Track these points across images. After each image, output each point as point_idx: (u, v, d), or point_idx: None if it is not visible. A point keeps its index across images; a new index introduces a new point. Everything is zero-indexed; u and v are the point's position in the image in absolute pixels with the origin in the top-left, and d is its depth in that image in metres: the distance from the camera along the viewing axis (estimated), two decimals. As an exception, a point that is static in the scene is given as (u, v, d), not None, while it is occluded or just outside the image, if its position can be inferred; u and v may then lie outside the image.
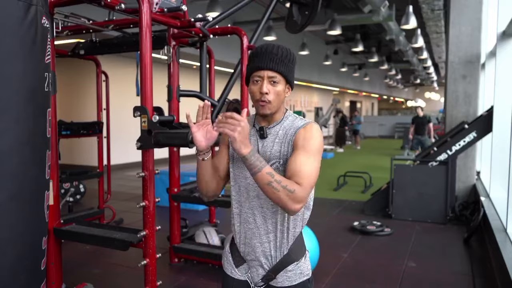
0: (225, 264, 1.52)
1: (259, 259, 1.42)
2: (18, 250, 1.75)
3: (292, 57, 1.38)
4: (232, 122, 1.22)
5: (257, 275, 1.44)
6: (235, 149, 1.25)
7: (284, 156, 1.37)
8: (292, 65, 1.39)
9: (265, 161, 1.28)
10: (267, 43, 1.40)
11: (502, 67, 4.59)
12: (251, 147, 1.25)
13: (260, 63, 1.35)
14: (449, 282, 3.39)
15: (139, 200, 2.53)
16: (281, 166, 1.37)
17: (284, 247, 1.42)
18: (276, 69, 1.34)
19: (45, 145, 1.91)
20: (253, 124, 1.46)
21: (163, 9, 2.84)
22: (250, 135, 1.42)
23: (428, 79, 26.31)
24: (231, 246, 1.52)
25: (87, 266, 3.77)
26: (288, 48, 1.39)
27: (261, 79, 1.35)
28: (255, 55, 1.38)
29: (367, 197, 6.22)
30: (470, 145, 5.24)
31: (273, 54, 1.35)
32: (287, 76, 1.37)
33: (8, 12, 1.66)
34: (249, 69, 1.39)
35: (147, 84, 2.44)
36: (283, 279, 1.42)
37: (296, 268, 1.43)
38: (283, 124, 1.42)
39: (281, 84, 1.37)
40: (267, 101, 1.35)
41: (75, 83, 9.44)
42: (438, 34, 11.32)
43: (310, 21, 3.50)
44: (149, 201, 2.50)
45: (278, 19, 10.17)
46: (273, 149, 1.39)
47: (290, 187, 1.24)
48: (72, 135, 4.58)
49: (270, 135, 1.41)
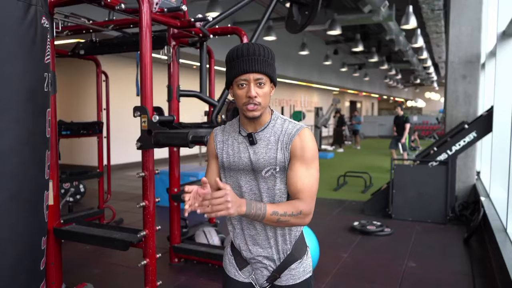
0: (228, 267, 1.51)
1: (263, 262, 1.43)
2: (18, 250, 1.75)
3: (272, 55, 1.35)
4: (216, 201, 1.14)
5: (262, 276, 1.45)
6: (233, 216, 1.23)
7: (281, 163, 1.34)
8: (274, 63, 1.36)
9: (261, 203, 1.25)
10: (243, 43, 1.34)
11: (502, 67, 4.58)
12: (245, 203, 1.21)
13: (245, 66, 1.29)
14: (449, 282, 3.39)
15: (139, 200, 2.53)
16: (277, 172, 1.34)
17: (287, 248, 1.43)
18: (262, 70, 1.30)
19: (44, 145, 1.91)
20: (238, 131, 1.41)
21: (163, 9, 2.85)
22: (238, 143, 1.40)
23: (428, 79, 26.32)
24: (233, 249, 1.50)
25: (87, 266, 3.77)
26: (266, 46, 1.35)
27: (247, 82, 1.30)
28: (234, 58, 1.31)
29: (367, 197, 6.22)
30: (470, 145, 5.24)
31: (256, 55, 1.29)
32: (272, 76, 1.34)
33: (8, 12, 1.66)
34: (232, 73, 1.32)
35: (147, 84, 2.44)
36: (287, 278, 1.43)
37: (299, 266, 1.44)
38: (273, 128, 1.37)
39: (267, 84, 1.33)
40: (257, 104, 1.31)
41: (75, 83, 9.45)
42: (438, 34, 11.32)
43: (310, 21, 3.50)
44: (149, 201, 2.50)
45: (278, 19, 10.16)
46: (267, 156, 1.35)
47: (296, 211, 1.28)
48: (72, 135, 4.58)
49: (260, 140, 1.36)
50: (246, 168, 1.37)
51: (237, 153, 1.39)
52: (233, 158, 1.39)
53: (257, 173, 1.36)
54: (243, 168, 1.38)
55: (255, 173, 1.36)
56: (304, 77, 16.06)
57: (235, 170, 1.39)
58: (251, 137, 1.36)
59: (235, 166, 1.39)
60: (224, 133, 1.45)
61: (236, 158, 1.39)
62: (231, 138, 1.42)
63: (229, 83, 1.36)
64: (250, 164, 1.36)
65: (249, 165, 1.36)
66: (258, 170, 1.35)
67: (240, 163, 1.38)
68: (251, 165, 1.36)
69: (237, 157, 1.39)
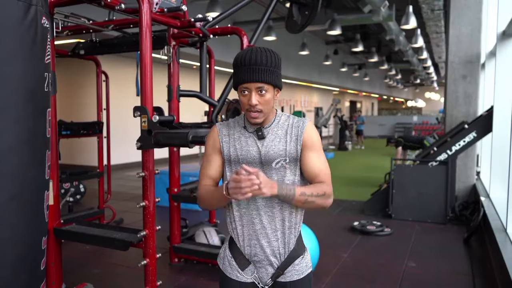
0: (228, 269, 1.50)
1: (269, 258, 1.44)
2: (19, 250, 1.75)
3: (277, 61, 1.36)
4: (247, 183, 1.21)
5: (266, 274, 1.46)
6: (265, 196, 1.27)
7: (291, 155, 1.40)
8: (278, 69, 1.37)
9: (290, 185, 1.35)
10: (249, 49, 1.36)
11: (502, 67, 4.58)
12: (276, 185, 1.29)
13: (246, 75, 1.33)
14: (449, 282, 3.39)
15: (139, 200, 2.53)
16: (287, 163, 1.41)
17: (292, 243, 1.45)
18: (262, 80, 1.33)
19: (45, 145, 1.91)
20: (244, 126, 1.45)
21: (163, 9, 2.85)
22: (245, 137, 1.43)
23: (428, 79, 26.31)
24: (232, 250, 1.50)
25: (87, 266, 3.77)
26: (271, 51, 1.37)
27: (249, 90, 1.35)
28: (238, 65, 1.35)
29: (367, 197, 6.22)
30: (470, 145, 5.24)
31: (258, 64, 1.32)
32: (275, 83, 1.36)
33: (8, 12, 1.66)
34: (235, 80, 1.37)
35: (147, 84, 2.44)
36: (291, 274, 1.46)
37: (302, 261, 1.48)
38: (279, 123, 1.44)
39: (269, 91, 1.36)
40: (258, 111, 1.35)
41: (75, 83, 9.45)
42: (438, 34, 11.32)
43: (310, 21, 3.50)
44: (149, 201, 2.50)
45: (278, 19, 10.16)
46: (277, 148, 1.40)
47: (321, 192, 1.37)
48: (72, 135, 4.58)
49: (269, 134, 1.42)
50: (254, 161, 1.41)
51: (245, 147, 1.42)
52: (240, 152, 1.42)
53: (267, 165, 1.41)
54: (252, 161, 1.41)
55: (265, 166, 1.41)
56: (304, 77, 16.05)
57: (242, 163, 1.40)
58: (260, 131, 1.41)
59: (243, 159, 1.42)
60: (230, 128, 1.47)
61: (244, 152, 1.42)
62: (237, 132, 1.45)
63: (236, 88, 1.41)
64: (259, 157, 1.41)
65: (258, 158, 1.41)
66: (269, 162, 1.40)
67: (249, 156, 1.41)
68: (260, 158, 1.40)
69: (245, 150, 1.42)
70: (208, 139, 1.49)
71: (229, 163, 1.45)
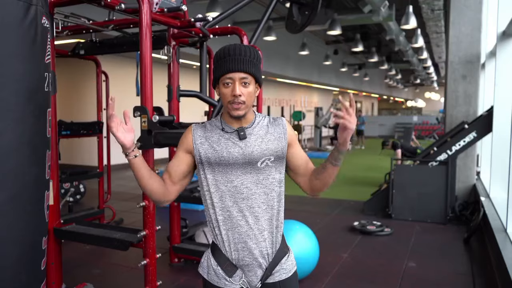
0: (214, 278, 1.45)
1: (257, 260, 1.42)
2: (19, 250, 1.75)
3: (258, 56, 1.39)
4: (351, 117, 1.31)
5: (256, 277, 1.44)
6: (344, 144, 1.36)
7: (277, 153, 1.43)
8: (260, 64, 1.40)
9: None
10: (230, 44, 1.38)
11: (502, 67, 4.58)
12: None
13: (231, 65, 1.34)
14: (449, 282, 3.40)
15: (139, 200, 2.53)
16: (271, 162, 1.42)
17: (278, 242, 1.46)
18: (247, 70, 1.35)
19: (45, 145, 1.91)
20: (222, 128, 1.43)
21: (163, 9, 2.84)
22: (225, 139, 1.41)
23: (428, 79, 26.32)
24: (216, 257, 1.45)
25: (87, 266, 3.77)
26: (253, 47, 1.40)
27: (232, 81, 1.35)
28: (221, 57, 1.37)
29: (367, 197, 6.23)
30: (470, 145, 5.24)
31: (242, 55, 1.34)
32: (257, 76, 1.38)
33: (8, 12, 1.66)
34: (218, 72, 1.37)
35: (147, 84, 2.44)
36: (279, 273, 1.46)
37: (288, 260, 1.49)
38: (259, 124, 1.45)
39: (252, 84, 1.38)
40: (241, 102, 1.35)
41: (75, 83, 9.44)
42: (438, 34, 11.31)
43: (310, 21, 3.50)
44: (149, 201, 2.50)
45: (278, 19, 10.16)
46: (260, 148, 1.41)
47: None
48: (72, 135, 4.58)
49: (250, 135, 1.42)
50: (236, 162, 1.40)
51: (225, 149, 1.40)
52: (221, 153, 1.40)
53: (252, 165, 1.40)
54: (234, 162, 1.40)
55: (249, 166, 1.40)
56: (304, 77, 16.05)
57: (224, 165, 1.40)
58: (242, 131, 1.41)
59: (225, 161, 1.40)
60: (206, 130, 1.45)
61: (225, 153, 1.40)
62: (215, 134, 1.43)
63: (216, 82, 1.41)
64: (242, 158, 1.39)
65: (241, 158, 1.40)
66: (253, 162, 1.40)
67: (230, 158, 1.40)
68: (244, 159, 1.39)
69: (225, 152, 1.40)
70: (184, 137, 1.47)
71: (209, 165, 1.42)
